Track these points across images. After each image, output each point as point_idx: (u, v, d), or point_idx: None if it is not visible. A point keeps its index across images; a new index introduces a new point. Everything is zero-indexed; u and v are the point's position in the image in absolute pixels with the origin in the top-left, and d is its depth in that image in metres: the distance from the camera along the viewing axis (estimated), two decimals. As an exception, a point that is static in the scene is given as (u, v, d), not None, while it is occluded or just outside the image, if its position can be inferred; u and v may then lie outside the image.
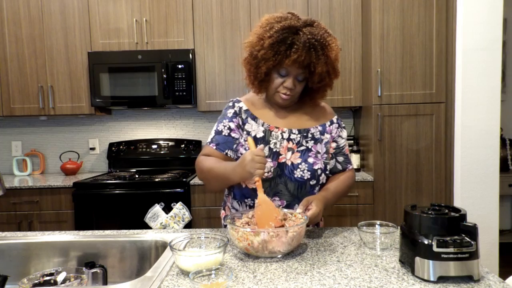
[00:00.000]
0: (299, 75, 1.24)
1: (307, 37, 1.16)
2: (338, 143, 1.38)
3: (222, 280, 0.87)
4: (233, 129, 1.31)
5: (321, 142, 1.33)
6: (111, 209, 2.58)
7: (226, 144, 1.29)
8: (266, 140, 1.29)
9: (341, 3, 2.80)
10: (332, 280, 0.89)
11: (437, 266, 0.86)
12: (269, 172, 1.24)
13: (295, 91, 1.27)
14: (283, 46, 1.17)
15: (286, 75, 1.24)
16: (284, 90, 1.26)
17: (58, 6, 2.88)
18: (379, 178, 2.58)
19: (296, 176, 1.27)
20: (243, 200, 1.33)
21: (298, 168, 1.27)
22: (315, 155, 1.30)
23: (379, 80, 2.53)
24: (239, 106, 1.34)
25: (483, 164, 2.39)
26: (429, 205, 0.97)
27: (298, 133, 1.31)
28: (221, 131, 1.31)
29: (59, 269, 0.93)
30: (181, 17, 2.86)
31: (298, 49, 1.16)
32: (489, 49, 2.34)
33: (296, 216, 1.14)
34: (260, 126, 1.31)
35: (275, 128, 1.31)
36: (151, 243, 1.25)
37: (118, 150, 3.17)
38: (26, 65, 2.90)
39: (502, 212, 3.43)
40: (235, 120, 1.32)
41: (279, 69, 1.24)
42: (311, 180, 1.28)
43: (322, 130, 1.35)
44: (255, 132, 1.30)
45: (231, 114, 1.33)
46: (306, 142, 1.31)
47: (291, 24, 1.19)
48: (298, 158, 1.28)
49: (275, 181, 1.27)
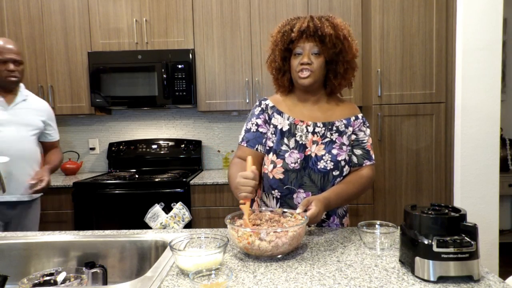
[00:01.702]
0: (312, 48, 1.28)
1: (309, 15, 1.31)
2: (358, 136, 1.37)
3: (222, 280, 0.87)
4: (261, 124, 1.37)
5: (346, 134, 1.35)
6: (111, 209, 2.58)
7: (255, 140, 1.36)
8: (292, 133, 1.33)
9: (341, 3, 2.80)
10: (332, 280, 0.89)
11: (437, 266, 0.86)
12: (295, 163, 1.29)
13: (314, 66, 1.28)
14: (288, 26, 1.30)
15: (301, 53, 1.29)
16: (301, 66, 1.29)
17: (58, 6, 2.88)
18: (379, 178, 2.58)
19: (320, 167, 1.29)
20: (270, 192, 1.36)
21: (322, 159, 1.30)
22: (339, 146, 1.32)
23: (379, 80, 2.53)
24: (266, 104, 1.40)
25: (483, 164, 2.40)
26: (429, 205, 0.97)
27: (322, 126, 1.34)
28: (250, 129, 1.38)
29: (59, 269, 0.93)
30: (181, 17, 2.86)
31: (301, 21, 1.27)
32: (489, 49, 2.34)
33: (296, 216, 1.15)
34: (286, 120, 1.35)
35: (300, 121, 1.34)
36: (151, 243, 1.25)
37: (118, 150, 3.17)
38: (26, 65, 2.90)
39: (502, 212, 3.43)
40: (262, 117, 1.38)
41: (294, 50, 1.30)
42: (333, 171, 1.30)
43: (347, 124, 1.36)
44: (281, 125, 1.35)
45: (258, 112, 1.39)
46: (331, 135, 1.33)
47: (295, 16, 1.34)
48: (323, 150, 1.31)
49: (300, 174, 1.30)
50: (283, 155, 1.30)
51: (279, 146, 1.32)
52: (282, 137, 1.33)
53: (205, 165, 3.30)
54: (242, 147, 1.38)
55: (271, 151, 1.33)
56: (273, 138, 1.34)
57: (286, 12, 2.81)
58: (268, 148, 1.34)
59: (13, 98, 1.97)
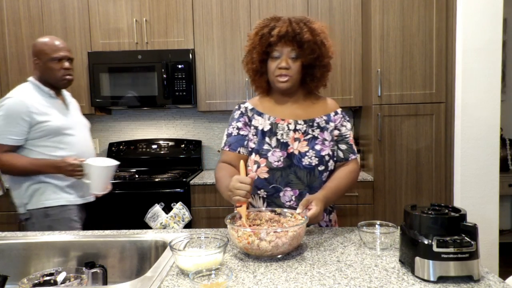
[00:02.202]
0: (290, 52, 1.28)
1: (287, 17, 1.30)
2: (341, 131, 1.40)
3: (222, 280, 0.87)
4: (241, 127, 1.38)
5: (327, 130, 1.36)
6: (111, 209, 2.58)
7: (237, 143, 1.37)
8: (273, 132, 1.33)
9: (341, 3, 2.80)
10: (332, 280, 0.89)
11: (437, 266, 0.86)
12: (278, 161, 1.29)
13: (292, 71, 1.30)
14: (266, 28, 1.29)
15: (278, 57, 1.29)
16: (280, 71, 1.29)
17: (58, 6, 2.88)
18: (379, 178, 2.58)
19: (304, 163, 1.30)
20: (256, 192, 1.35)
21: (306, 155, 1.30)
22: (322, 142, 1.33)
23: (379, 80, 2.53)
24: (245, 107, 1.42)
25: (483, 164, 2.39)
26: (429, 205, 0.97)
27: (304, 123, 1.35)
28: (231, 133, 1.39)
29: (59, 269, 0.93)
30: (181, 17, 2.86)
31: (280, 25, 1.27)
32: (489, 49, 2.34)
33: (296, 216, 1.15)
34: (267, 120, 1.36)
35: (281, 120, 1.35)
36: (151, 243, 1.25)
37: (118, 150, 3.17)
38: (26, 65, 2.90)
39: (502, 212, 3.42)
40: (242, 120, 1.39)
41: (271, 53, 1.30)
42: (319, 166, 1.31)
43: (327, 120, 1.38)
44: (262, 126, 1.35)
45: (238, 115, 1.41)
46: (313, 131, 1.34)
47: (273, 17, 1.34)
48: (306, 146, 1.32)
49: (285, 172, 1.30)
50: (266, 154, 1.31)
51: (261, 145, 1.32)
52: (263, 137, 1.33)
53: (205, 165, 3.30)
54: (225, 151, 1.38)
55: (253, 151, 1.33)
56: (254, 139, 1.35)
57: (286, 12, 2.81)
58: (251, 149, 1.35)
59: (64, 100, 1.90)
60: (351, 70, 2.82)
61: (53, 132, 1.74)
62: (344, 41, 2.81)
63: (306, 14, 2.81)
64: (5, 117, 1.69)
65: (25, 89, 1.78)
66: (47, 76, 1.80)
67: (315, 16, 2.80)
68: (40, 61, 1.79)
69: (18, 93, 1.75)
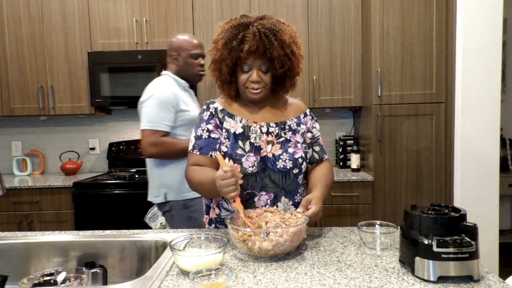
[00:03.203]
0: (261, 66, 1.26)
1: (256, 27, 1.21)
2: (313, 133, 1.41)
3: (222, 280, 0.87)
4: (212, 130, 1.32)
5: (299, 132, 1.36)
6: (111, 209, 2.58)
7: (209, 146, 1.31)
8: (246, 135, 1.30)
9: (341, 3, 2.80)
10: (332, 280, 0.89)
11: (437, 266, 0.86)
12: (253, 166, 1.26)
13: (263, 83, 1.28)
14: (235, 41, 1.22)
15: (249, 70, 1.27)
16: (251, 84, 1.28)
17: (58, 6, 2.88)
18: (379, 178, 2.58)
19: (279, 166, 1.28)
20: None
21: (280, 158, 1.29)
22: (294, 145, 1.33)
23: (379, 80, 2.53)
24: (214, 107, 1.35)
25: (483, 164, 2.39)
26: (429, 205, 0.97)
27: (276, 126, 1.34)
28: (201, 136, 1.32)
29: (59, 269, 0.93)
30: (181, 17, 2.86)
31: (250, 39, 1.20)
32: (489, 49, 2.34)
33: (296, 216, 1.15)
34: (238, 122, 1.32)
35: (253, 123, 1.33)
36: (151, 243, 1.25)
37: (118, 150, 3.17)
38: (26, 65, 2.90)
39: (502, 212, 3.43)
40: (212, 121, 1.33)
41: (241, 66, 1.26)
42: (293, 169, 1.30)
43: (298, 122, 1.38)
44: (234, 128, 1.31)
45: (207, 117, 1.34)
46: (285, 134, 1.34)
47: (240, 21, 1.25)
48: (279, 149, 1.31)
49: (260, 176, 1.28)
50: (240, 160, 1.26)
51: (234, 150, 1.28)
52: (236, 141, 1.29)
53: (205, 165, 3.30)
54: (195, 155, 1.31)
55: (226, 156, 1.28)
56: (226, 142, 1.30)
57: (286, 12, 2.81)
58: (223, 153, 1.29)
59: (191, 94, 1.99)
60: (351, 70, 2.82)
61: (192, 122, 1.76)
62: (344, 41, 2.81)
63: (306, 14, 2.81)
64: (158, 106, 1.81)
65: (167, 80, 1.90)
66: (185, 70, 1.92)
67: (315, 16, 2.80)
68: (179, 56, 1.91)
69: (164, 84, 1.87)
